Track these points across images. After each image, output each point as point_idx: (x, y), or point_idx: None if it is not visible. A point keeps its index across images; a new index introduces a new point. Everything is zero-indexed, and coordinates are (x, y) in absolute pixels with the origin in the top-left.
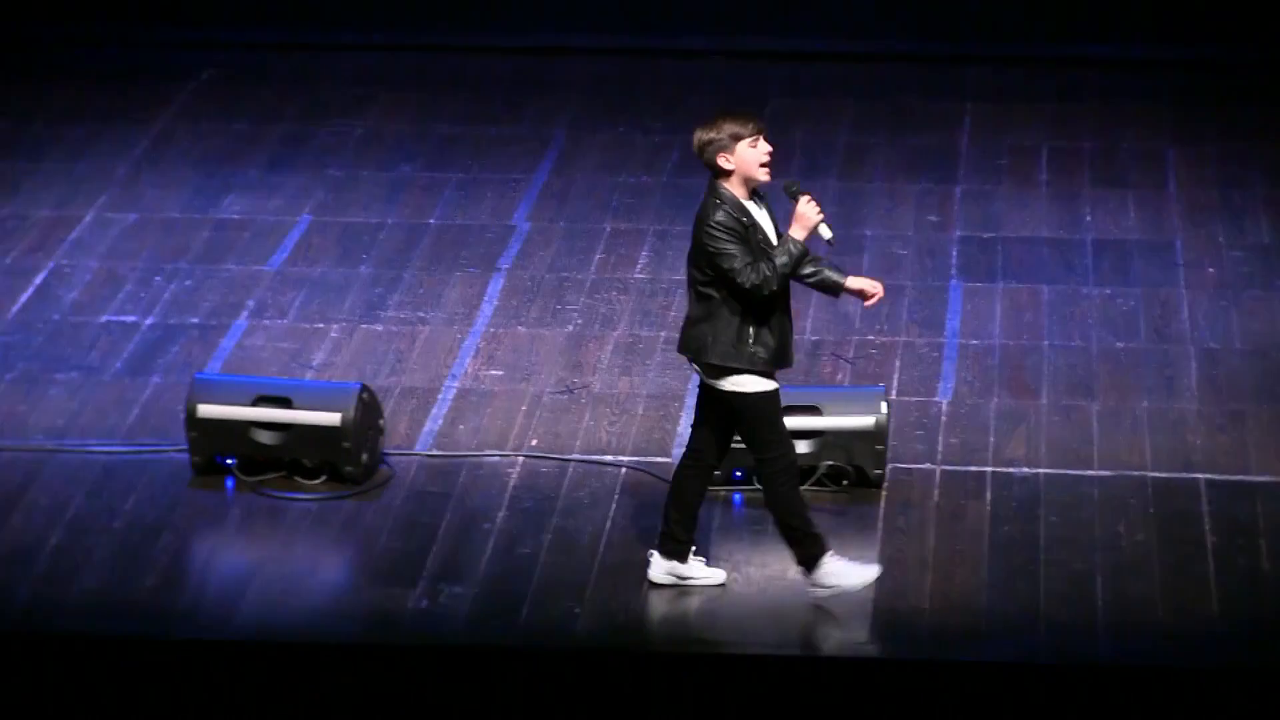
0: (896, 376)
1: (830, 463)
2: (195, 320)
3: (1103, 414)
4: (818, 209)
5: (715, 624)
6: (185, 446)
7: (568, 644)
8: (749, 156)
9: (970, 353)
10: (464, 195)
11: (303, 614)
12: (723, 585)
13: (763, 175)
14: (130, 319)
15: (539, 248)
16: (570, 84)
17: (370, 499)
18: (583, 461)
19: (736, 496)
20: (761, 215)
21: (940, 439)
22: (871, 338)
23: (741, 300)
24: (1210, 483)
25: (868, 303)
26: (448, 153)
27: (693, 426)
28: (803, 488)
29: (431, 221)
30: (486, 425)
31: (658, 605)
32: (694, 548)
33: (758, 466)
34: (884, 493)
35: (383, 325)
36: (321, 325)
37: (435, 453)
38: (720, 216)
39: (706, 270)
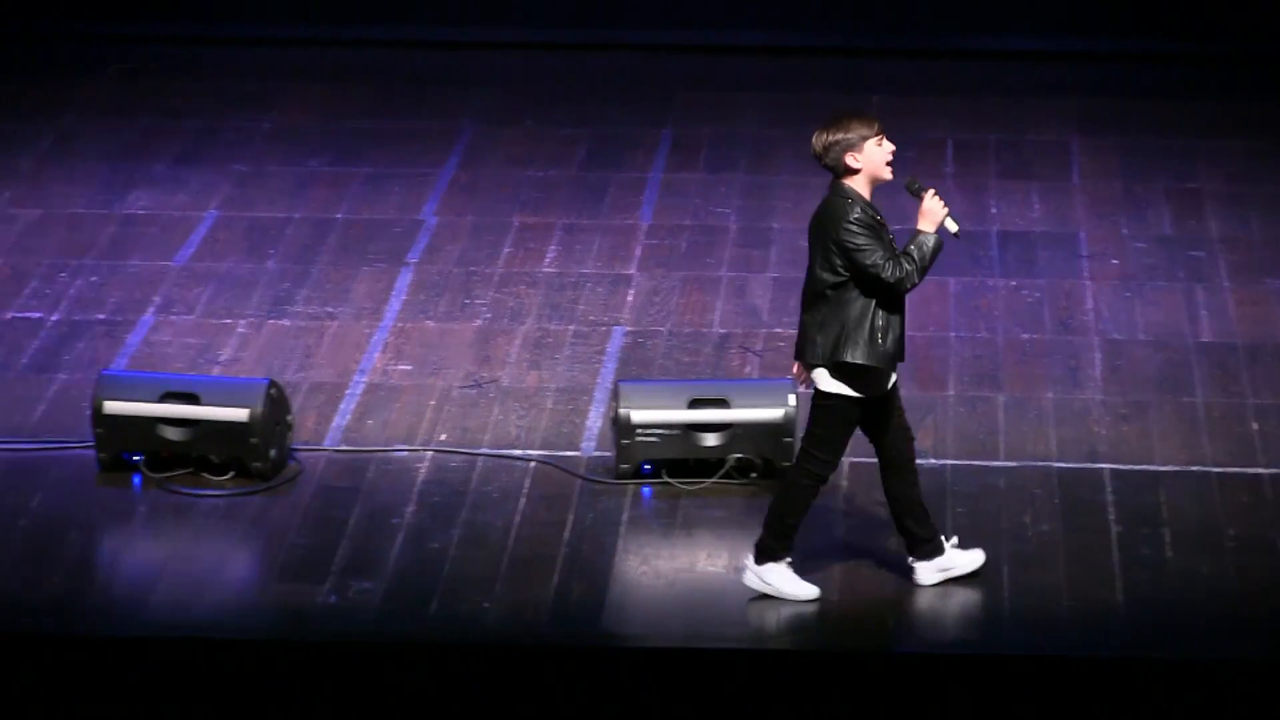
0: None
1: (739, 455)
2: (101, 316)
3: (1009, 405)
4: (942, 202)
5: (625, 617)
6: (92, 443)
7: (477, 638)
8: (876, 155)
9: None
10: (371, 190)
11: (211, 610)
12: (979, 568)
13: (888, 173)
14: (35, 315)
15: (447, 242)
16: (478, 78)
17: (278, 494)
18: (492, 456)
19: (645, 490)
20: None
21: None
22: (780, 330)
23: (877, 297)
24: (1115, 472)
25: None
26: (355, 147)
27: (873, 442)
28: (710, 480)
29: (339, 216)
30: (395, 420)
31: (566, 599)
32: (943, 536)
33: (799, 457)
34: None
35: (290, 320)
36: (229, 321)
37: (344, 448)
38: (857, 214)
39: (840, 270)
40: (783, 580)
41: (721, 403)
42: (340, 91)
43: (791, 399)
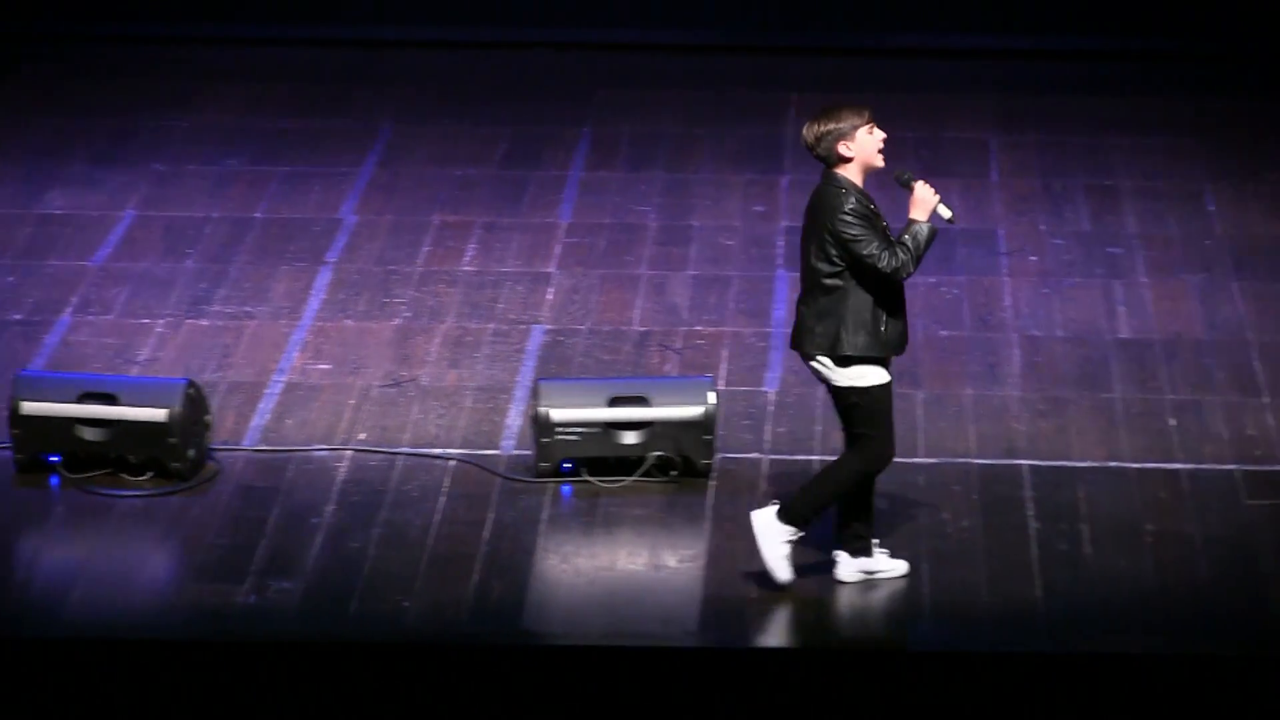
0: (724, 367)
1: (659, 453)
2: (18, 317)
3: (928, 401)
4: (934, 190)
5: (545, 616)
6: (9, 444)
7: (397, 637)
8: (868, 143)
9: None
10: (290, 189)
11: (130, 611)
12: (906, 575)
13: (880, 160)
14: None
15: (366, 241)
16: (396, 77)
17: (197, 495)
18: (411, 455)
19: (565, 489)
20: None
21: (768, 428)
22: (699, 328)
23: (874, 287)
24: (1033, 469)
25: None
26: (273, 146)
27: (843, 427)
28: (631, 479)
29: (257, 215)
30: (314, 419)
31: (486, 598)
32: (876, 540)
33: (852, 442)
34: (712, 483)
35: (209, 320)
36: (147, 321)
37: (263, 447)
38: (852, 204)
39: (837, 260)
40: (775, 559)
41: (641, 401)
42: (258, 91)
43: (711, 397)
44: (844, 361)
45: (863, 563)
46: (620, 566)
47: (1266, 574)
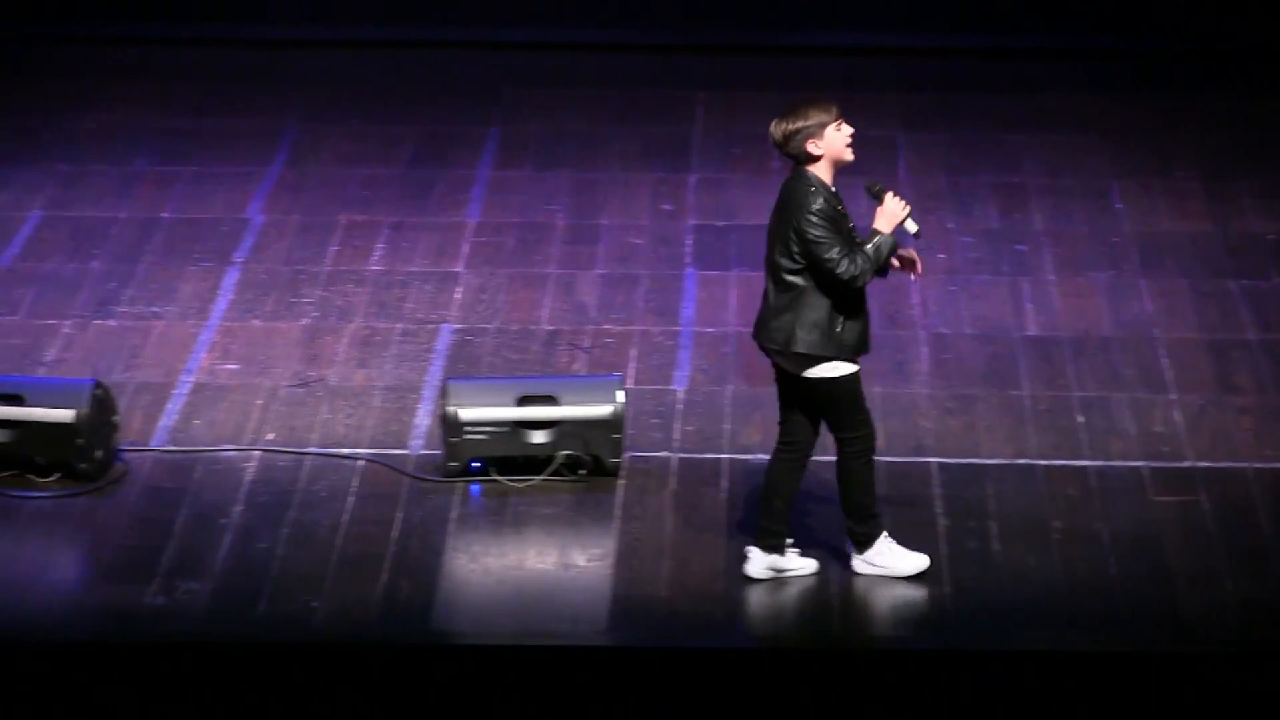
0: (633, 365)
1: (567, 452)
2: None
3: None
4: (903, 204)
5: (454, 615)
6: None
7: (306, 638)
8: (836, 140)
9: (705, 341)
10: (197, 189)
11: (37, 613)
12: (815, 574)
13: (849, 155)
14: None
15: (274, 241)
16: (303, 76)
17: (105, 496)
18: (320, 455)
19: (474, 488)
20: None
21: (677, 427)
22: (608, 327)
23: (831, 289)
24: (942, 466)
25: (917, 273)
26: (180, 146)
27: (780, 420)
28: (539, 478)
29: (165, 216)
30: (222, 419)
31: (395, 598)
32: (790, 540)
33: (839, 445)
34: (621, 481)
35: (116, 321)
36: (54, 321)
37: (171, 448)
38: (819, 204)
39: (798, 258)
40: (892, 557)
41: (550, 400)
42: (165, 90)
43: (620, 395)
44: (800, 359)
45: (774, 560)
46: (529, 565)
47: (1174, 570)
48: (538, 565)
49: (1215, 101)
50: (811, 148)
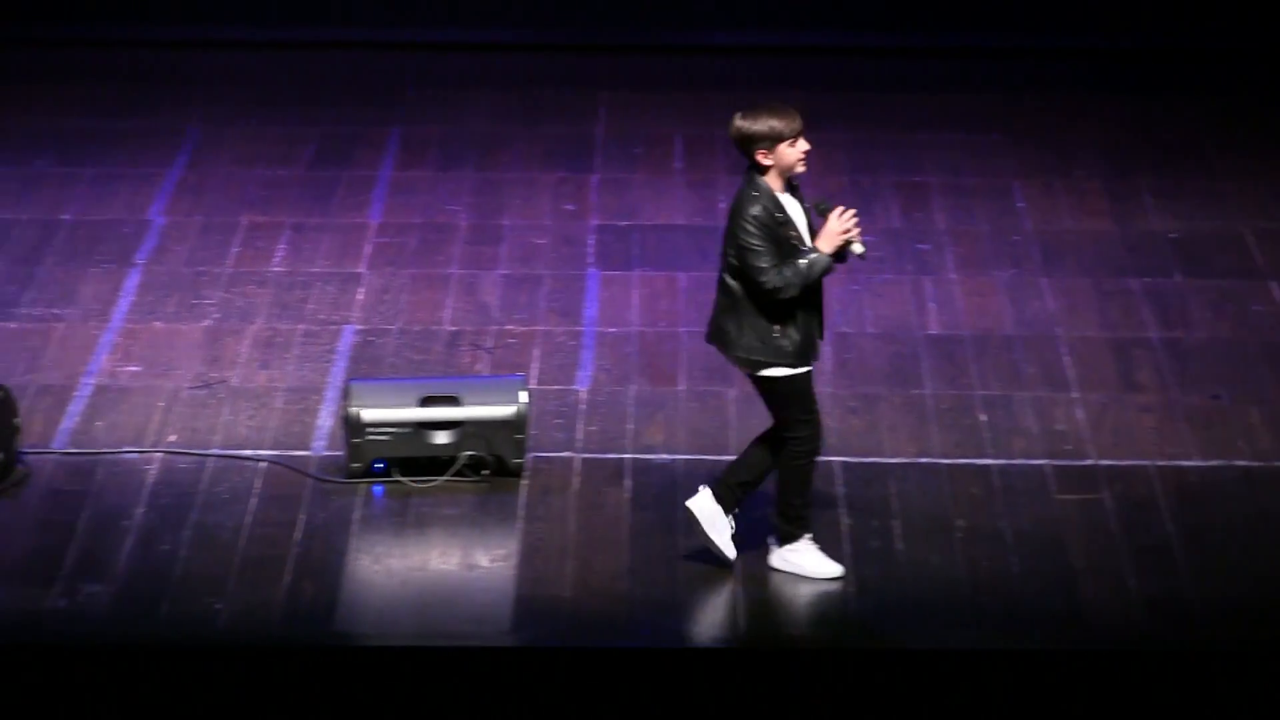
0: (535, 365)
1: (470, 453)
2: None
3: (739, 399)
4: (851, 224)
5: (357, 617)
6: None
7: (208, 640)
8: (787, 155)
9: (608, 340)
10: (98, 190)
11: None
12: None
13: (801, 168)
14: None
15: (175, 242)
16: (204, 77)
17: (6, 498)
18: (222, 456)
19: (377, 489)
20: (794, 207)
21: (580, 427)
22: (510, 327)
23: (761, 297)
24: (845, 465)
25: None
26: (80, 148)
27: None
28: (442, 479)
29: (65, 217)
30: (124, 421)
31: (298, 599)
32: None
33: (784, 443)
34: (524, 481)
35: (16, 323)
36: None
37: (72, 450)
38: (757, 211)
39: (733, 260)
40: (809, 560)
41: (453, 400)
42: (65, 92)
43: (523, 396)
44: (744, 362)
45: (721, 536)
46: (433, 566)
47: (1077, 568)
48: (441, 566)
49: (1116, 100)
50: (761, 157)
